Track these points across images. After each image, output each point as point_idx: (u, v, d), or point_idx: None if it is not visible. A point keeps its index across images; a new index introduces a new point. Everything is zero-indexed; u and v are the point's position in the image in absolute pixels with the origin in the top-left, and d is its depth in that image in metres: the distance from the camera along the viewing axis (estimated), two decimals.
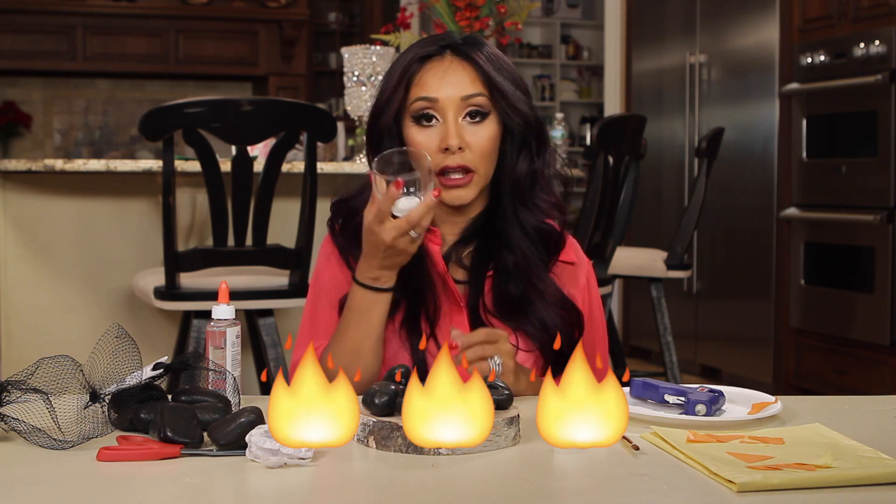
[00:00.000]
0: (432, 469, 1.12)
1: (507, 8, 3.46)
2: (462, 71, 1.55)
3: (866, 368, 4.17)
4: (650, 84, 5.64)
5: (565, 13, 8.52)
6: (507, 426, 1.20)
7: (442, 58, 1.57)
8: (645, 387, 1.42)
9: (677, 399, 1.39)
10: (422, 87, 1.55)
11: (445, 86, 1.54)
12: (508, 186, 1.59)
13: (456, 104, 1.54)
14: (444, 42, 1.58)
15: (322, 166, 2.95)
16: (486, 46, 1.59)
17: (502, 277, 1.58)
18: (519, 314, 1.57)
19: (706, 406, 1.36)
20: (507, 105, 1.56)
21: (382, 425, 1.18)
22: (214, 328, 1.41)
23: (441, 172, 1.54)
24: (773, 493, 1.04)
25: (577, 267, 1.66)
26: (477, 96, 1.54)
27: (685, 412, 1.36)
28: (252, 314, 2.95)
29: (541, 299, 1.57)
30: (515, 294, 1.57)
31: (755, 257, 4.80)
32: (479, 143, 1.54)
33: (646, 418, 1.34)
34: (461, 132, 1.53)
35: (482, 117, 1.55)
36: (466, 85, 1.55)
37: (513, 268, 1.58)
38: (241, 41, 8.14)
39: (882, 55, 4.04)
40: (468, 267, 1.61)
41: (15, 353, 3.20)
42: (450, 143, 1.52)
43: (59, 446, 1.18)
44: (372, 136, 1.60)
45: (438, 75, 1.55)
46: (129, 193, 3.30)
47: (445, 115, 1.54)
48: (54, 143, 8.15)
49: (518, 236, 1.59)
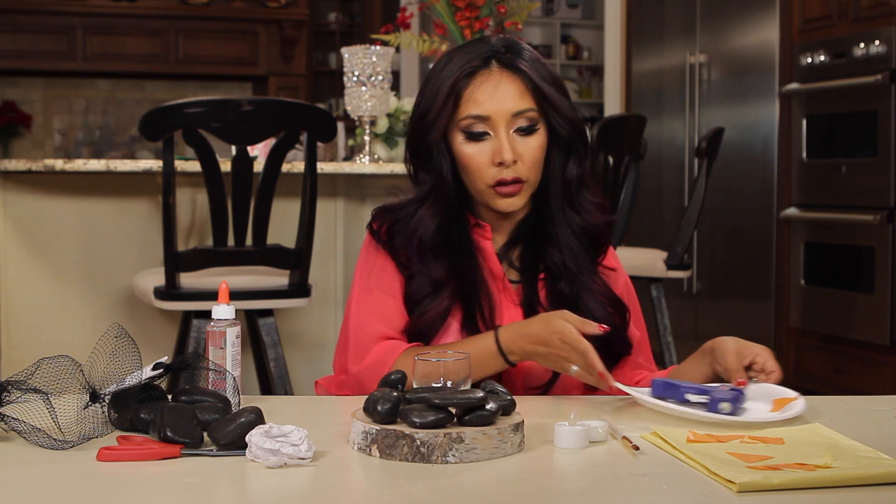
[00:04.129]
0: (440, 477, 1.11)
1: (507, 8, 3.46)
2: (511, 85, 1.57)
3: (866, 368, 4.17)
4: (650, 84, 5.64)
5: (565, 13, 8.52)
6: (514, 432, 1.19)
7: (489, 70, 1.57)
8: (666, 386, 1.44)
9: (699, 398, 1.40)
10: (473, 103, 1.56)
11: (497, 102, 1.56)
12: (560, 190, 1.63)
13: (507, 119, 1.56)
14: (488, 53, 1.58)
15: (322, 166, 2.95)
16: (527, 51, 1.60)
17: (554, 277, 1.62)
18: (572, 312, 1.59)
19: (731, 404, 1.37)
20: (556, 114, 1.59)
21: (387, 433, 1.16)
22: (214, 328, 1.41)
23: (495, 184, 1.57)
24: (773, 493, 1.04)
25: (617, 274, 1.70)
26: (527, 111, 1.57)
27: (709, 410, 1.37)
28: (252, 314, 2.95)
29: (591, 297, 1.61)
30: (568, 293, 1.61)
31: (755, 257, 4.80)
32: (529, 154, 1.57)
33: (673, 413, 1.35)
34: (513, 145, 1.56)
35: (532, 130, 1.58)
36: (517, 100, 1.56)
37: (563, 267, 1.61)
38: (241, 41, 8.14)
39: (882, 55, 4.04)
40: (519, 268, 1.64)
41: (15, 353, 3.20)
42: (504, 158, 1.55)
43: (59, 446, 1.17)
44: (418, 150, 1.61)
45: (489, 91, 1.56)
46: (129, 193, 3.30)
47: (497, 130, 1.56)
48: (54, 143, 8.14)
49: (567, 237, 1.62)
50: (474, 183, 1.59)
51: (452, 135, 1.59)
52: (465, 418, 1.17)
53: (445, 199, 1.60)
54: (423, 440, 1.14)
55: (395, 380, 1.30)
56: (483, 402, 1.18)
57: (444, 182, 1.60)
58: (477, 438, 1.15)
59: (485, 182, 1.58)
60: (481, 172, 1.57)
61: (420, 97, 1.62)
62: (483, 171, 1.57)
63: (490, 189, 1.58)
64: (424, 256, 1.60)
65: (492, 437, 1.16)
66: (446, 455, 1.14)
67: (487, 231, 1.64)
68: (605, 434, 1.25)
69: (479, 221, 1.64)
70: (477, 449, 1.15)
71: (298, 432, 1.12)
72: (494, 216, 1.64)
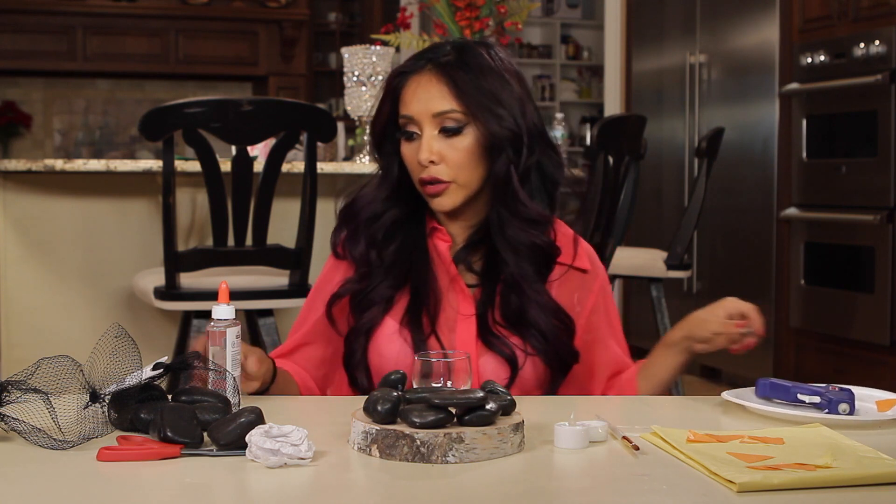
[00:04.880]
0: (440, 477, 1.10)
1: (507, 8, 3.46)
2: (435, 86, 1.58)
3: (866, 368, 4.17)
4: (650, 84, 5.64)
5: (565, 13, 8.52)
6: (514, 432, 1.19)
7: (421, 73, 1.60)
8: (773, 387, 1.44)
9: (812, 398, 1.40)
10: (403, 104, 1.61)
11: (417, 102, 1.58)
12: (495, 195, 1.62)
13: (429, 119, 1.58)
14: (430, 55, 1.61)
15: (322, 166, 2.95)
16: (478, 56, 1.60)
17: (506, 288, 1.62)
18: (520, 324, 1.60)
19: (849, 405, 1.37)
20: (486, 118, 1.58)
21: (387, 433, 1.16)
22: (215, 328, 1.41)
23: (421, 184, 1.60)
24: (773, 493, 1.04)
25: (591, 275, 1.69)
26: (450, 112, 1.57)
27: (828, 412, 1.37)
28: (252, 314, 2.95)
29: (536, 309, 1.60)
30: (515, 305, 1.60)
31: (755, 257, 4.80)
32: (453, 155, 1.58)
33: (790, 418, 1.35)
34: (436, 146, 1.58)
35: (456, 132, 1.58)
36: (438, 101, 1.58)
37: (511, 280, 1.61)
38: (241, 41, 8.14)
39: (882, 55, 4.04)
40: (478, 272, 1.64)
41: (15, 353, 3.20)
42: (420, 157, 1.58)
43: (59, 446, 1.17)
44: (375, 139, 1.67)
45: (411, 91, 1.60)
46: (129, 193, 3.30)
47: (423, 130, 1.59)
48: (54, 143, 8.14)
49: (513, 245, 1.61)
50: (414, 181, 1.62)
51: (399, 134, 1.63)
52: (465, 418, 1.17)
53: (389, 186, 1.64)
54: (423, 440, 1.14)
55: (395, 380, 1.30)
56: (483, 402, 1.18)
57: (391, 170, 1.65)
58: (477, 438, 1.15)
59: (416, 181, 1.61)
60: (413, 171, 1.61)
61: None
62: (414, 171, 1.61)
63: (421, 188, 1.61)
64: (376, 237, 1.63)
65: (492, 437, 1.16)
66: (446, 455, 1.14)
67: (444, 233, 1.65)
68: (605, 434, 1.25)
69: (435, 224, 1.66)
70: (477, 449, 1.15)
71: (298, 432, 1.12)
72: (445, 218, 1.66)
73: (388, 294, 1.60)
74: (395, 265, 1.62)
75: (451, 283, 1.62)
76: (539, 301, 1.60)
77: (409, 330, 1.58)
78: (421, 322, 1.58)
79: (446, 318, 1.60)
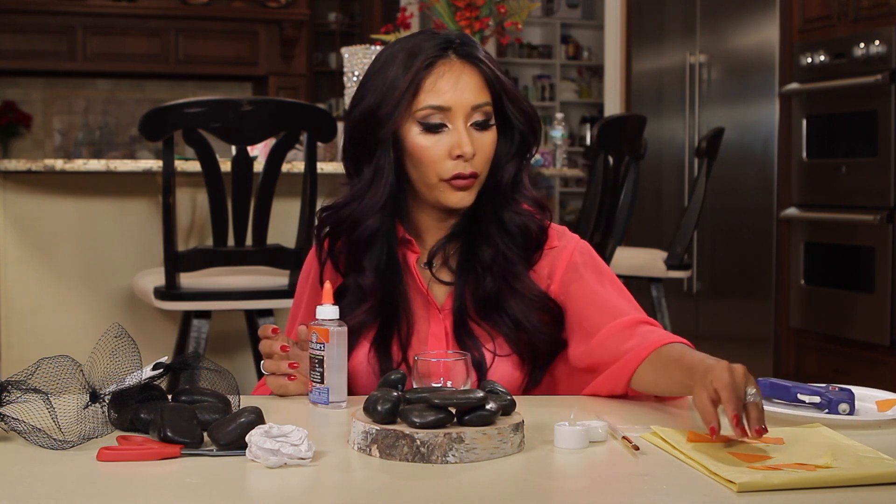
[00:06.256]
0: (439, 477, 1.10)
1: (507, 8, 3.46)
2: (472, 77, 1.52)
3: (866, 368, 4.17)
4: (650, 84, 5.64)
5: (565, 13, 8.52)
6: (514, 432, 1.19)
7: (449, 60, 1.52)
8: (773, 387, 1.44)
9: (812, 398, 1.40)
10: (434, 93, 1.51)
11: (458, 93, 1.51)
12: (500, 186, 1.58)
13: (466, 112, 1.52)
14: (444, 44, 1.53)
15: (322, 166, 2.95)
16: (479, 46, 1.58)
17: (480, 273, 1.56)
18: (494, 313, 1.56)
19: (849, 405, 1.37)
20: (514, 108, 1.55)
21: (387, 433, 1.15)
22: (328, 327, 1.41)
23: (452, 178, 1.52)
24: (773, 493, 1.04)
25: (560, 248, 1.61)
26: (485, 105, 1.53)
27: (829, 412, 1.37)
28: (252, 314, 2.95)
29: (515, 297, 1.55)
30: (491, 289, 1.55)
31: (755, 257, 4.80)
32: (484, 149, 1.53)
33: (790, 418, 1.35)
34: (471, 139, 1.52)
35: (487, 125, 1.54)
36: (477, 93, 1.52)
37: (490, 262, 1.56)
38: (241, 41, 8.14)
39: (882, 55, 4.04)
40: (454, 268, 1.60)
41: (15, 353, 3.20)
42: (464, 151, 1.50)
43: (59, 446, 1.17)
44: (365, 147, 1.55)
45: (451, 82, 1.51)
46: (129, 193, 3.30)
47: (456, 123, 1.51)
48: (54, 143, 8.14)
49: (499, 234, 1.57)
50: (426, 177, 1.53)
51: (404, 127, 1.53)
52: (465, 418, 1.17)
53: (385, 193, 1.54)
54: (423, 440, 1.14)
55: (395, 380, 1.30)
56: (483, 402, 1.18)
57: (383, 176, 1.54)
58: (477, 438, 1.15)
59: (439, 175, 1.52)
60: (436, 166, 1.51)
61: (363, 93, 1.55)
62: (438, 165, 1.51)
63: (443, 183, 1.52)
64: (359, 258, 1.56)
65: (492, 437, 1.16)
66: (446, 455, 1.14)
67: (414, 246, 1.58)
68: (605, 434, 1.25)
69: (406, 235, 1.58)
70: (477, 449, 1.15)
71: (298, 432, 1.12)
72: (437, 217, 1.59)
73: (364, 319, 1.56)
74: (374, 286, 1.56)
75: (423, 301, 1.58)
76: (519, 288, 1.55)
77: (378, 358, 1.54)
78: (390, 350, 1.55)
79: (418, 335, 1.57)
